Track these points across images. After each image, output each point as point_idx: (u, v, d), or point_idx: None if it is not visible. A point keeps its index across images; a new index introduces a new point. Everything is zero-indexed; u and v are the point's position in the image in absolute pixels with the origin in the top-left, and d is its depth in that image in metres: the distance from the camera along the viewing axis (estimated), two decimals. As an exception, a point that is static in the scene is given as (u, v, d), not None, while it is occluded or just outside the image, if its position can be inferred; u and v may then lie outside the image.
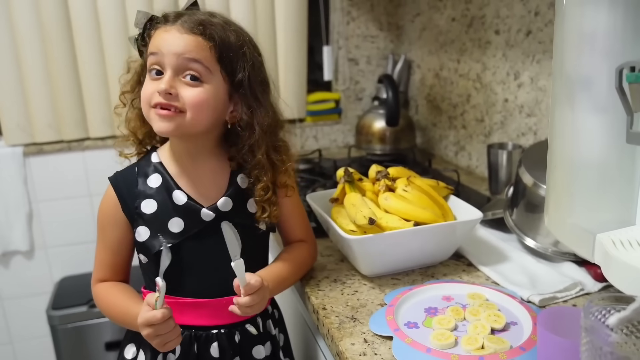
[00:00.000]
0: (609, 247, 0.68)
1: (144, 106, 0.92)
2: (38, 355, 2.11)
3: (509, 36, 1.58)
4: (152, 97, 0.90)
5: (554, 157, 0.82)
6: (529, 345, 0.82)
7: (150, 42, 0.93)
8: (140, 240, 0.97)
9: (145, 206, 0.97)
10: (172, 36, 0.90)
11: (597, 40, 0.69)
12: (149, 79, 0.92)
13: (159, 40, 0.91)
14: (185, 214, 0.96)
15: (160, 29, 0.92)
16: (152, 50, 0.91)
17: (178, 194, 0.96)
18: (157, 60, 0.90)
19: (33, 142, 1.98)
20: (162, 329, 0.85)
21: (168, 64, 0.89)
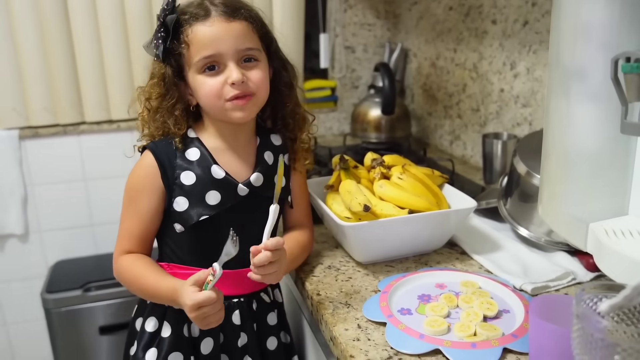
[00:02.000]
0: (602, 237, 0.69)
1: (214, 102, 0.96)
2: (32, 339, 2.12)
3: (505, 26, 1.58)
4: (222, 91, 0.95)
5: (548, 146, 0.83)
6: (521, 333, 0.83)
7: (192, 40, 0.94)
8: (179, 210, 0.99)
9: (185, 177, 0.99)
10: (221, 29, 0.94)
11: (593, 30, 0.70)
12: (204, 75, 0.95)
13: (208, 38, 0.94)
14: (223, 188, 1.00)
15: (199, 25, 0.94)
16: (203, 50, 0.94)
17: (216, 168, 1.00)
18: (212, 59, 0.94)
19: (28, 125, 1.97)
20: (212, 309, 0.86)
21: (228, 58, 0.94)
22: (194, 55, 0.95)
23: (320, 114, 2.30)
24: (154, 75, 1.00)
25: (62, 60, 1.91)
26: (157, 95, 0.99)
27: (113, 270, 1.03)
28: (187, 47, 0.95)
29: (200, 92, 0.97)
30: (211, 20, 0.94)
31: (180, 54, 0.97)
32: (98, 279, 1.92)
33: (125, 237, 1.02)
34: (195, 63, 0.95)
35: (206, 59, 0.94)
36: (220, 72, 0.95)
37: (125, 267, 1.00)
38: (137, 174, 1.01)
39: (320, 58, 2.19)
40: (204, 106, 1.00)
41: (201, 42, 0.94)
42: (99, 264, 2.05)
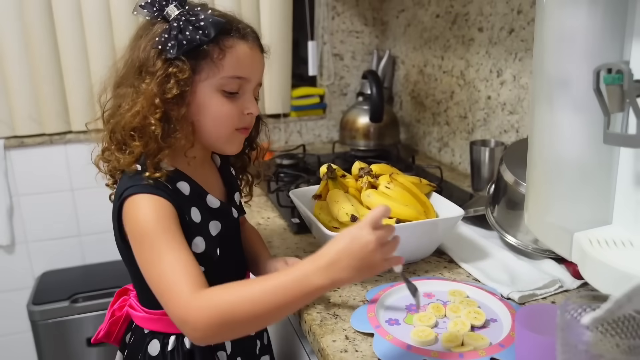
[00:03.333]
0: (586, 246, 0.69)
1: (223, 127, 0.89)
2: (18, 351, 2.09)
3: (492, 34, 1.59)
4: (237, 119, 0.89)
5: (533, 155, 0.83)
6: (508, 342, 0.83)
7: (231, 53, 0.85)
8: (199, 251, 0.88)
9: (194, 214, 0.89)
10: (257, 57, 0.90)
11: (575, 40, 0.70)
12: (223, 96, 0.87)
13: (248, 59, 0.87)
14: (221, 216, 0.94)
15: (242, 42, 0.87)
16: (238, 74, 0.87)
17: (211, 198, 0.93)
18: (241, 82, 0.88)
19: (14, 135, 1.95)
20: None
21: (251, 87, 0.90)
22: (227, 69, 0.85)
23: (309, 122, 2.30)
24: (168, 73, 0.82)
25: (47, 68, 1.90)
26: (171, 98, 0.83)
27: (194, 323, 0.72)
28: (222, 55, 0.85)
29: (212, 112, 0.86)
30: (251, 43, 0.88)
31: (205, 57, 0.84)
32: (85, 290, 1.91)
33: (184, 269, 0.77)
34: (222, 77, 0.85)
35: (237, 79, 0.87)
36: (238, 98, 0.88)
37: (219, 299, 0.73)
38: (156, 206, 0.81)
39: (309, 65, 2.20)
40: (202, 129, 0.88)
41: (241, 59, 0.86)
42: (86, 275, 2.04)
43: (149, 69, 0.83)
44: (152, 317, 0.94)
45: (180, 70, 0.82)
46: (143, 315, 0.95)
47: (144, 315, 0.95)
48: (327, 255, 0.72)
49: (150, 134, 0.83)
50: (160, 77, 0.82)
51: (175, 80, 0.82)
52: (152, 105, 0.82)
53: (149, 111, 0.82)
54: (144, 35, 0.86)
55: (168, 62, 0.82)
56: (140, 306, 0.97)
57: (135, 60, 0.86)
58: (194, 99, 0.86)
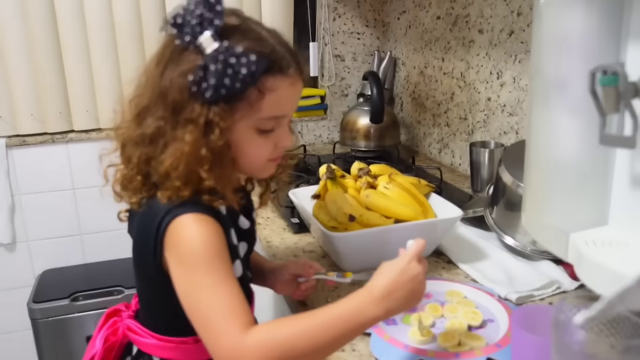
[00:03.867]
0: (582, 247, 0.70)
1: (259, 161, 0.83)
2: (19, 349, 2.09)
3: (492, 35, 1.59)
4: (270, 152, 0.83)
5: (531, 156, 0.83)
6: (505, 342, 0.83)
7: (270, 93, 0.77)
8: (238, 275, 0.82)
9: (233, 236, 0.83)
10: (297, 89, 0.82)
11: (572, 42, 0.70)
12: (258, 134, 0.80)
13: (287, 97, 0.80)
14: (247, 237, 0.90)
15: (282, 78, 0.78)
16: (276, 114, 0.80)
17: (243, 219, 0.89)
18: (280, 120, 0.82)
19: (16, 133, 1.96)
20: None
21: (288, 118, 0.84)
22: (264, 111, 0.77)
23: (310, 122, 2.30)
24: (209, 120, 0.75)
25: (50, 68, 1.91)
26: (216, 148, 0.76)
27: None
28: (261, 96, 0.76)
29: (249, 151, 0.81)
30: (292, 76, 0.79)
31: (242, 98, 0.76)
32: (86, 288, 1.92)
33: (235, 306, 0.72)
34: (259, 118, 0.78)
35: (276, 119, 0.80)
36: (272, 132, 0.82)
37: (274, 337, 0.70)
38: (209, 231, 0.75)
39: (310, 66, 2.20)
40: (240, 162, 0.82)
41: (280, 99, 0.78)
42: (87, 273, 2.04)
43: (186, 116, 0.75)
44: (165, 344, 0.86)
45: (222, 118, 0.75)
46: (153, 342, 0.87)
47: (153, 342, 0.87)
48: (380, 286, 0.73)
49: (202, 185, 0.76)
50: (202, 126, 0.75)
51: (219, 130, 0.75)
52: (198, 156, 0.75)
53: (196, 163, 0.75)
54: (172, 62, 0.77)
55: (206, 107, 0.75)
56: (146, 330, 0.88)
57: (166, 93, 0.77)
58: (231, 140, 0.79)
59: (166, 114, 0.77)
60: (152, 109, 0.79)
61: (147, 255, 0.78)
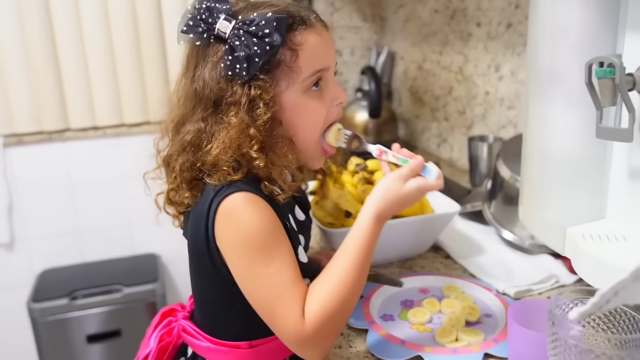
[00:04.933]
0: (579, 241, 0.69)
1: (317, 131, 0.80)
2: (19, 348, 2.09)
3: (490, 28, 1.58)
4: (331, 114, 0.81)
5: (527, 150, 0.82)
6: (502, 337, 0.83)
7: (304, 49, 0.75)
8: (304, 261, 0.81)
9: (292, 223, 0.81)
10: (328, 39, 0.79)
11: (568, 34, 0.70)
12: (309, 97, 0.78)
13: (322, 46, 0.77)
14: (304, 230, 0.87)
15: (308, 31, 0.76)
16: (317, 62, 0.77)
17: (298, 210, 0.86)
18: (323, 74, 0.79)
19: (13, 132, 1.95)
20: None
21: (332, 71, 0.80)
22: (305, 66, 0.75)
23: (308, 118, 2.29)
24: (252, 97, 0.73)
25: (46, 66, 1.90)
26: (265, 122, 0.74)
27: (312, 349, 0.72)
28: (295, 55, 0.74)
29: (307, 119, 0.78)
30: (317, 28, 0.77)
31: (279, 64, 0.74)
32: (85, 286, 1.91)
33: (294, 293, 0.72)
34: (304, 78, 0.76)
35: (319, 73, 0.77)
36: (322, 91, 0.79)
37: (319, 306, 0.71)
38: (261, 215, 0.73)
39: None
40: (301, 138, 0.80)
41: (314, 51, 0.76)
42: (86, 272, 2.04)
43: (228, 100, 0.74)
44: (219, 348, 0.84)
45: (263, 90, 0.73)
46: (206, 346, 0.85)
47: (207, 345, 0.84)
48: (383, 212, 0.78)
49: (254, 167, 0.74)
50: (246, 104, 0.73)
51: (263, 103, 0.73)
52: (247, 136, 0.73)
53: (245, 144, 0.73)
54: (201, 63, 0.76)
55: (246, 84, 0.73)
56: (200, 333, 0.86)
57: (203, 93, 0.76)
58: (283, 114, 0.77)
59: (205, 114, 0.76)
60: (190, 116, 0.78)
61: (201, 246, 0.76)
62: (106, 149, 2.03)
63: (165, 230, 0.91)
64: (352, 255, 0.74)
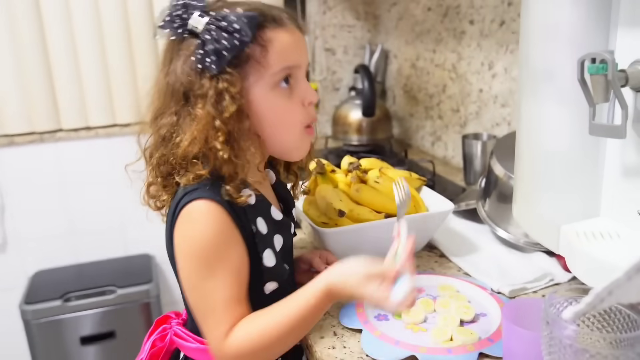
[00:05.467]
0: (573, 239, 0.69)
1: (296, 129, 0.82)
2: (12, 351, 2.08)
3: (483, 26, 1.58)
4: (301, 113, 0.82)
5: (521, 148, 0.82)
6: (497, 337, 0.82)
7: (273, 45, 0.77)
8: (271, 264, 0.82)
9: (261, 225, 0.81)
10: (300, 39, 0.81)
11: (560, 31, 0.69)
12: (279, 94, 0.80)
13: (292, 45, 0.80)
14: (282, 230, 0.87)
15: (278, 29, 0.79)
16: (286, 64, 0.79)
17: (274, 210, 0.86)
18: (292, 71, 0.80)
19: (4, 133, 1.94)
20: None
21: (303, 70, 0.82)
22: (274, 62, 0.77)
23: (302, 117, 2.28)
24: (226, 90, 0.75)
25: (37, 66, 1.89)
26: (231, 115, 0.76)
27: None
28: (265, 51, 0.77)
29: (274, 113, 0.80)
30: (288, 26, 0.80)
31: (248, 59, 0.77)
32: (78, 288, 1.90)
33: (225, 311, 0.75)
34: (272, 74, 0.78)
35: (288, 70, 0.79)
36: (292, 89, 0.81)
37: (246, 337, 0.75)
38: (212, 228, 0.75)
39: (301, 61, 2.18)
40: (273, 133, 0.82)
41: (284, 48, 0.78)
42: (79, 274, 2.03)
43: (197, 92, 0.76)
44: (207, 348, 0.83)
45: (230, 83, 0.75)
46: (196, 347, 0.86)
47: (197, 346, 0.86)
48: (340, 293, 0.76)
49: (218, 159, 0.76)
50: (213, 97, 0.75)
51: (230, 96, 0.75)
52: (212, 129, 0.75)
53: (211, 136, 0.75)
54: (175, 57, 0.79)
55: (215, 78, 0.75)
56: (191, 335, 0.88)
57: (175, 86, 0.78)
58: (251, 109, 0.79)
59: (177, 108, 0.78)
60: (165, 110, 0.80)
61: (168, 246, 0.80)
62: (98, 149, 2.01)
63: (159, 231, 0.91)
64: (293, 313, 0.75)
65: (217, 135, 0.75)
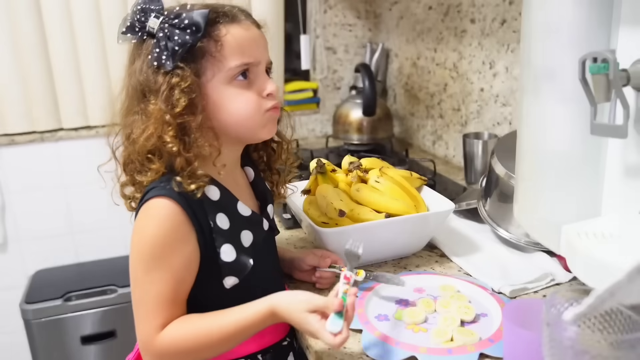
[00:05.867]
0: (574, 239, 0.68)
1: (251, 116, 0.83)
2: (12, 350, 2.07)
3: (484, 25, 1.57)
4: (259, 103, 0.83)
5: (522, 147, 0.82)
6: (498, 337, 0.82)
7: (228, 42, 0.80)
8: (229, 260, 0.84)
9: (220, 221, 0.83)
10: (257, 35, 0.84)
11: (561, 31, 0.69)
12: (236, 87, 0.82)
13: (247, 41, 0.82)
14: (252, 226, 0.89)
15: (235, 26, 0.81)
16: (243, 60, 0.81)
17: (241, 205, 0.87)
18: (249, 66, 0.82)
19: (5, 133, 1.93)
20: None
21: (261, 67, 0.84)
22: (229, 58, 0.80)
23: (302, 116, 2.28)
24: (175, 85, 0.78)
25: (37, 65, 1.88)
26: (181, 110, 0.78)
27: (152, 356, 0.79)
28: (220, 47, 0.80)
29: (234, 106, 0.82)
30: (245, 24, 0.83)
31: (204, 55, 0.80)
32: (79, 288, 1.90)
33: (158, 307, 0.78)
34: (228, 69, 0.80)
35: (244, 66, 0.81)
36: (251, 83, 0.83)
37: (175, 336, 0.78)
38: (161, 226, 0.78)
39: (302, 59, 2.18)
40: (231, 126, 0.84)
41: (240, 44, 0.81)
42: (80, 273, 2.02)
43: (152, 89, 0.79)
44: None
45: (181, 78, 0.78)
46: None
47: None
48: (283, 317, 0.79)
49: (170, 152, 0.78)
50: (164, 92, 0.78)
51: (179, 90, 0.78)
52: (163, 123, 0.78)
53: (162, 130, 0.78)
54: (137, 58, 0.82)
55: (168, 74, 0.78)
56: None
57: (136, 85, 0.82)
58: (207, 102, 0.81)
59: (138, 107, 0.81)
60: (130, 109, 0.83)
61: None
62: (99, 148, 2.00)
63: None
64: (231, 324, 0.79)
65: (167, 129, 0.78)
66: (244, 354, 0.88)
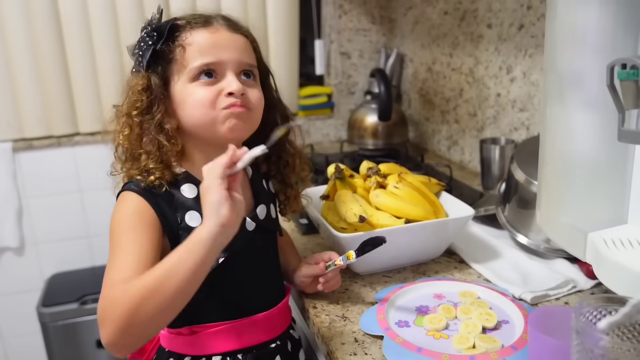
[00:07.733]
0: (601, 247, 0.68)
1: (205, 112, 0.84)
2: (29, 353, 2.09)
3: (501, 30, 1.57)
4: (217, 100, 0.84)
5: (545, 153, 0.81)
6: (521, 345, 0.81)
7: (191, 43, 0.84)
8: None
9: (190, 218, 0.84)
10: (224, 37, 0.86)
11: (588, 36, 0.68)
12: (197, 84, 0.84)
13: (210, 43, 0.85)
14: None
15: (200, 30, 0.85)
16: (203, 56, 0.84)
17: None
18: (211, 67, 0.84)
19: (22, 137, 1.95)
20: None
21: (228, 68, 0.85)
22: (191, 60, 0.84)
23: (317, 121, 2.28)
24: (135, 87, 0.85)
25: (55, 71, 1.90)
26: (140, 110, 0.85)
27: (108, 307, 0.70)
28: (183, 50, 0.84)
29: (188, 102, 0.84)
30: (214, 27, 0.86)
31: (171, 60, 0.85)
32: (95, 291, 1.91)
33: (119, 268, 0.75)
34: (190, 70, 0.84)
35: (205, 66, 0.84)
36: (217, 82, 0.85)
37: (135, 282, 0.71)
38: (128, 208, 0.82)
39: (316, 64, 2.18)
40: (190, 122, 0.86)
41: (202, 46, 0.84)
42: (96, 276, 2.03)
43: (126, 92, 0.88)
44: (170, 335, 0.92)
45: (142, 79, 0.85)
46: (164, 333, 0.93)
47: (164, 332, 0.93)
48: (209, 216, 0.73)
49: (124, 150, 0.87)
50: (129, 94, 0.86)
51: (138, 91, 0.85)
52: (123, 123, 0.86)
53: (120, 129, 0.87)
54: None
55: (139, 75, 0.86)
56: None
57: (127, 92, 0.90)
58: (172, 102, 0.86)
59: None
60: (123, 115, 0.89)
61: None
62: (115, 153, 2.02)
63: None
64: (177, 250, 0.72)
65: (124, 129, 0.86)
66: (220, 350, 0.89)
